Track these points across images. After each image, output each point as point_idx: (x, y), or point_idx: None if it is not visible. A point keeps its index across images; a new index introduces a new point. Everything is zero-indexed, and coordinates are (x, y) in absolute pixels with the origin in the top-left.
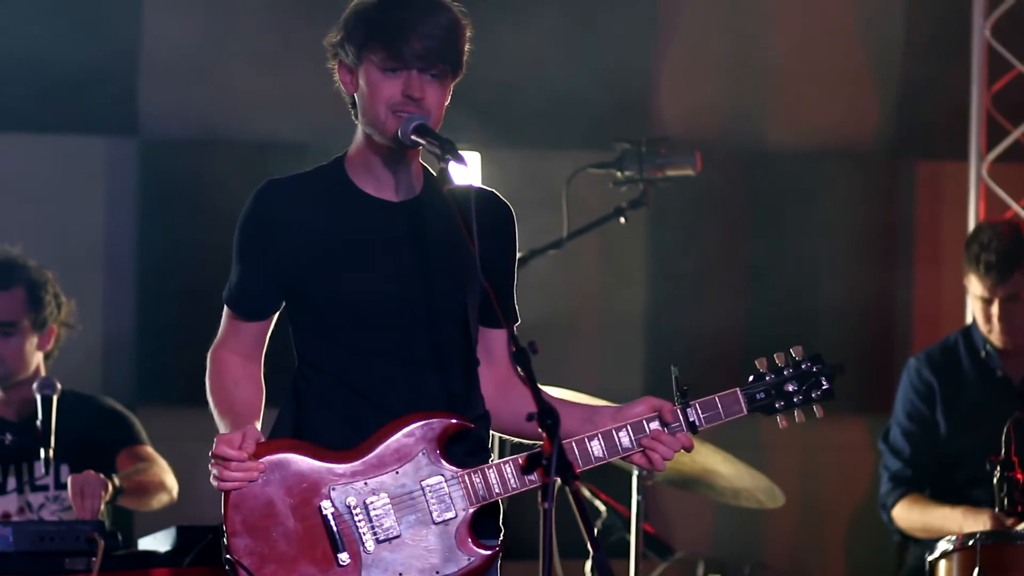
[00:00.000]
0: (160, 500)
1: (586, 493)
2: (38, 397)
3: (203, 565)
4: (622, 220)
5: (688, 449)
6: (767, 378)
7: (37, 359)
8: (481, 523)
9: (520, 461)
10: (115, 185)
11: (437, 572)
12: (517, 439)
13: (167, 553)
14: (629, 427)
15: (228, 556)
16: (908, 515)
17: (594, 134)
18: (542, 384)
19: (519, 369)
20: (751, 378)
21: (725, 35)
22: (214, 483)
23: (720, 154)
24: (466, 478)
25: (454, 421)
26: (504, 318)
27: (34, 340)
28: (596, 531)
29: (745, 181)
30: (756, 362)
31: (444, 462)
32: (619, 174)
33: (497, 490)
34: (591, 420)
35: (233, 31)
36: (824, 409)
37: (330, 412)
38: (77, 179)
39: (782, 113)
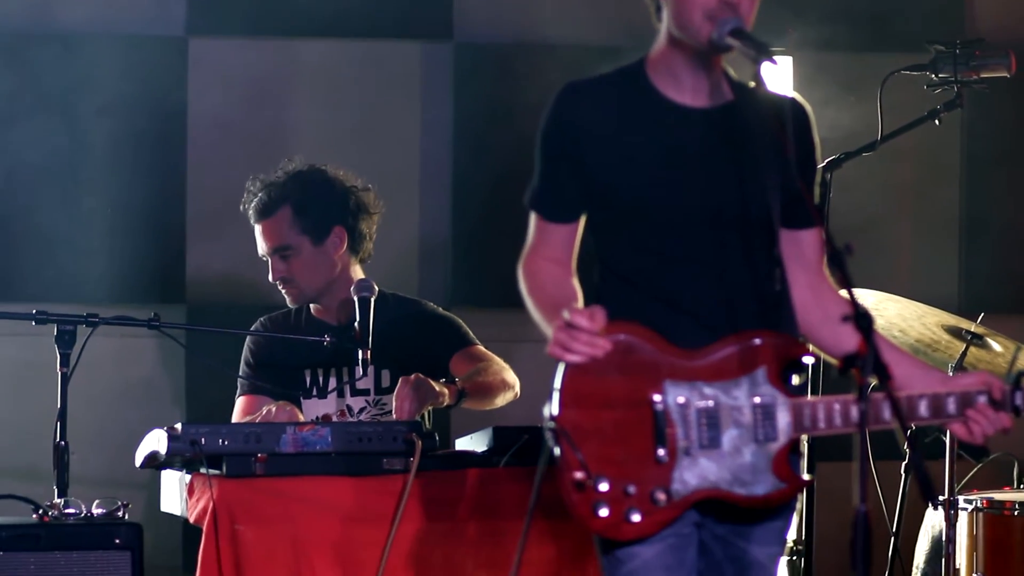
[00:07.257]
0: (505, 398)
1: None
2: (356, 299)
3: (518, 465)
4: (937, 122)
5: (1007, 431)
6: None
7: (338, 262)
8: (793, 458)
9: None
10: (430, 90)
11: (747, 489)
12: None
13: (483, 453)
14: (958, 395)
15: (553, 424)
16: None
17: (908, 37)
18: (856, 287)
19: (835, 270)
20: None
21: None
22: (555, 352)
23: None
24: (796, 406)
25: (800, 347)
26: (818, 219)
27: (320, 249)
28: (911, 432)
29: None
30: None
31: (780, 384)
32: (933, 76)
33: (822, 425)
34: (927, 375)
35: None
36: None
37: (639, 319)
38: (393, 85)
39: None
